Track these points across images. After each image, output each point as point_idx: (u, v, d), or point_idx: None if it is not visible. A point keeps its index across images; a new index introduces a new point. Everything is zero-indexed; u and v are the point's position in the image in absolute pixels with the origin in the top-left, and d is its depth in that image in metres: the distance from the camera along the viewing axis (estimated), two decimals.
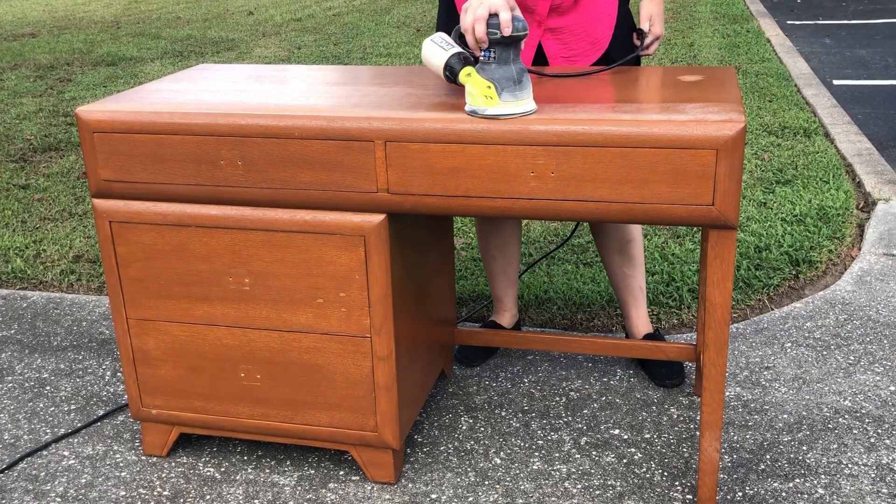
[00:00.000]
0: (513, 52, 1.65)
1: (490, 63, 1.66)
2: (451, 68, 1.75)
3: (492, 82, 1.65)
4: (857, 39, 7.46)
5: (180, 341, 1.99)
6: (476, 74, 1.67)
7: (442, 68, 1.77)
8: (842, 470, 2.01)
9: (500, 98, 1.65)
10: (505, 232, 2.45)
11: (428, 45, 1.81)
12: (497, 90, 1.65)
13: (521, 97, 1.66)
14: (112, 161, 1.87)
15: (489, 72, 1.66)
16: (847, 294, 2.84)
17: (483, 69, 1.67)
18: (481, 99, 1.66)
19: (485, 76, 1.66)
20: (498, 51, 1.65)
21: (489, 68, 1.66)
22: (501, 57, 1.65)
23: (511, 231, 2.45)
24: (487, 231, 2.46)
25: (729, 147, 1.59)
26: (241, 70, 2.22)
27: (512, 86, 1.65)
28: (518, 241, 2.49)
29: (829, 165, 3.98)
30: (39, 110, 5.72)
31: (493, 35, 1.63)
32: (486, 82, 1.65)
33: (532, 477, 2.02)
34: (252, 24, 9.52)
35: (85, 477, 2.08)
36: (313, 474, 2.06)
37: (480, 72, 1.67)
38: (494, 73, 1.65)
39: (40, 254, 3.39)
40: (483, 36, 1.64)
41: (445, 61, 1.76)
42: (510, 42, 1.64)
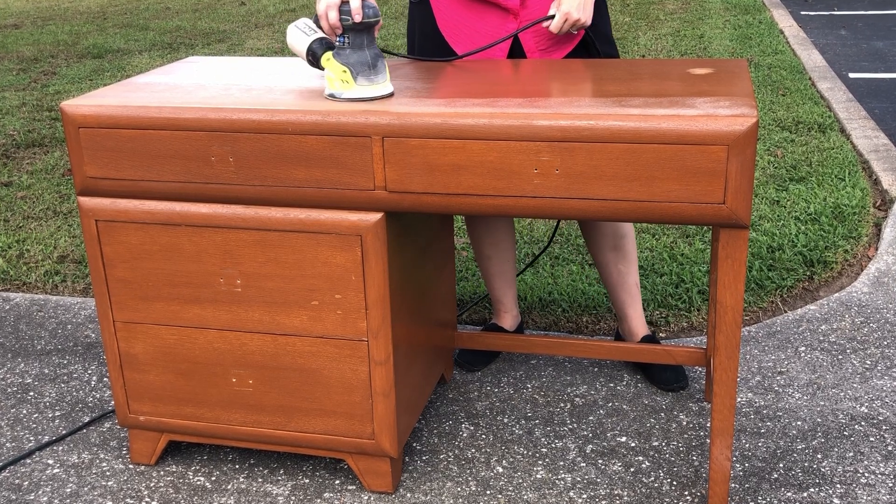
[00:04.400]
0: (366, 38, 1.77)
1: (345, 48, 1.78)
2: (313, 52, 1.85)
3: (347, 67, 1.77)
4: (873, 31, 7.46)
5: (169, 345, 1.99)
6: (332, 59, 1.79)
7: (305, 53, 1.86)
8: (858, 479, 2.01)
9: (355, 82, 1.77)
10: (498, 230, 2.45)
11: (292, 31, 1.90)
12: (353, 74, 1.77)
13: (376, 81, 1.78)
14: (98, 157, 1.87)
15: (344, 57, 1.78)
16: (863, 296, 2.84)
17: (339, 54, 1.79)
18: (338, 83, 1.78)
19: (340, 61, 1.78)
20: (351, 36, 1.77)
21: (344, 53, 1.78)
22: (355, 42, 1.77)
23: (503, 228, 2.45)
24: (479, 231, 2.46)
25: (740, 143, 1.59)
26: (232, 63, 2.22)
27: (367, 70, 1.77)
28: (512, 239, 2.49)
29: (845, 162, 3.98)
30: (23, 104, 5.72)
31: (346, 21, 1.75)
32: (342, 67, 1.77)
33: (535, 486, 2.02)
34: (244, 14, 9.52)
35: (70, 486, 2.08)
36: (308, 483, 2.06)
37: (336, 57, 1.79)
38: (349, 59, 1.77)
39: (23, 254, 3.40)
40: (336, 22, 1.76)
41: (308, 46, 1.86)
42: (363, 28, 1.76)
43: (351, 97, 1.78)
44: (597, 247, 2.40)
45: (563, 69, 1.99)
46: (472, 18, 2.15)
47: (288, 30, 1.90)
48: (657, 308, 2.81)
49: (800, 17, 8.18)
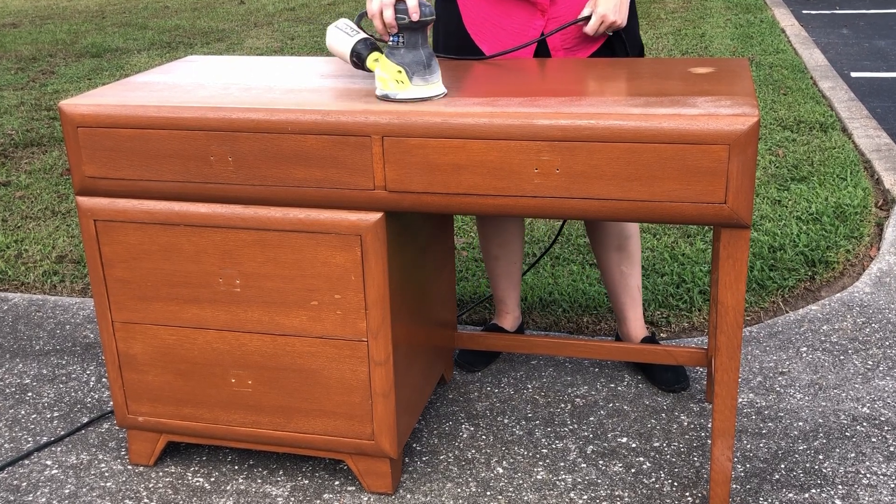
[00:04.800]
0: (421, 37, 1.74)
1: (399, 48, 1.75)
2: (357, 54, 1.82)
3: (403, 67, 1.74)
4: (875, 30, 7.46)
5: (168, 345, 1.99)
6: (385, 59, 1.76)
7: (349, 54, 1.84)
8: (860, 480, 2.01)
9: (411, 82, 1.74)
10: (507, 231, 2.45)
11: (332, 32, 1.87)
12: (408, 74, 1.74)
13: (431, 80, 1.75)
14: (97, 157, 1.87)
15: (399, 56, 1.75)
16: (865, 296, 2.84)
17: (392, 54, 1.75)
18: (392, 83, 1.75)
19: (395, 61, 1.74)
20: (406, 35, 1.74)
21: (398, 53, 1.75)
22: (410, 41, 1.74)
23: (513, 230, 2.45)
24: (489, 230, 2.46)
25: (742, 142, 1.59)
26: (231, 62, 2.22)
27: (422, 70, 1.74)
28: (521, 241, 2.49)
29: (847, 161, 3.98)
30: (21, 104, 5.72)
31: (402, 20, 1.72)
32: (396, 67, 1.74)
33: (536, 487, 2.02)
34: (243, 13, 9.52)
35: (69, 487, 2.08)
36: (307, 484, 2.06)
37: (390, 56, 1.75)
38: (404, 58, 1.74)
39: (22, 254, 3.40)
40: (392, 21, 1.73)
41: (352, 47, 1.83)
42: (418, 27, 1.73)
43: (406, 97, 1.75)
44: (601, 246, 2.40)
45: (564, 68, 1.99)
46: (499, 15, 2.13)
47: (328, 31, 1.87)
48: (658, 308, 2.81)
49: (801, 16, 8.18)
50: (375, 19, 1.77)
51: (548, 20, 2.11)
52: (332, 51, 1.88)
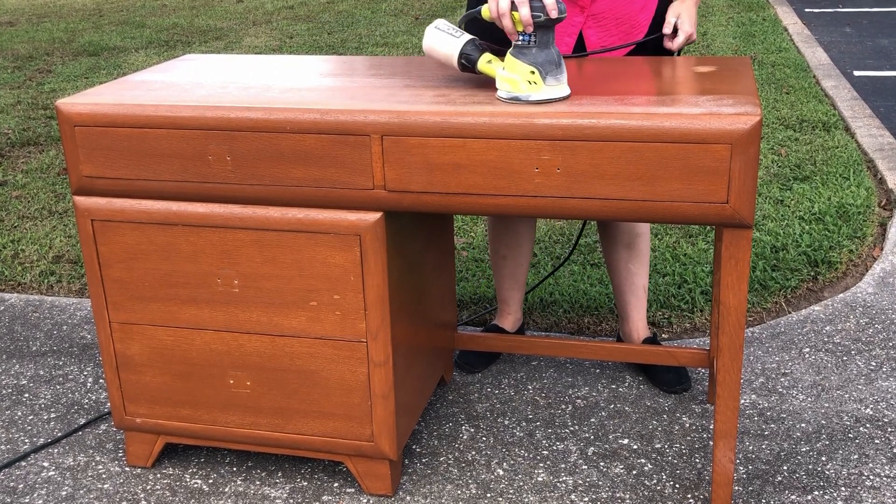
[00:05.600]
0: (551, 36, 1.68)
1: (530, 47, 1.68)
2: (467, 56, 1.77)
3: (536, 67, 1.67)
4: (879, 28, 7.46)
5: (166, 346, 1.99)
6: (512, 59, 1.69)
7: (456, 57, 1.78)
8: (863, 482, 2.01)
9: (544, 82, 1.68)
10: (518, 232, 2.44)
11: (434, 34, 1.81)
12: (542, 74, 1.67)
13: (562, 80, 1.69)
14: (94, 156, 1.87)
15: (531, 56, 1.68)
16: (868, 296, 2.84)
17: (523, 54, 1.68)
18: (525, 85, 1.68)
19: (526, 61, 1.68)
20: (539, 34, 1.67)
21: (529, 53, 1.68)
22: (542, 40, 1.68)
23: (524, 231, 2.45)
24: (499, 229, 2.46)
25: (744, 141, 1.59)
26: (230, 60, 2.22)
27: (555, 69, 1.68)
28: (530, 243, 2.48)
29: (850, 161, 3.98)
30: (17, 103, 5.72)
31: (538, 18, 1.66)
32: (529, 67, 1.67)
33: (537, 489, 2.02)
34: (242, 11, 9.52)
35: (65, 489, 2.08)
36: (306, 486, 2.06)
37: (520, 56, 1.68)
38: (537, 58, 1.67)
39: (18, 254, 3.40)
40: (529, 19, 1.66)
41: (460, 49, 1.77)
42: (551, 25, 1.67)
43: (541, 99, 1.68)
44: (610, 242, 2.40)
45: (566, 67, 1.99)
46: None
47: (428, 32, 1.81)
48: (660, 309, 2.81)
49: (804, 15, 8.18)
50: (504, 18, 1.70)
51: (587, 17, 2.11)
52: (432, 53, 1.82)
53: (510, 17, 1.69)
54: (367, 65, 2.12)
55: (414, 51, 6.88)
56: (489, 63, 1.76)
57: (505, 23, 1.71)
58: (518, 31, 1.69)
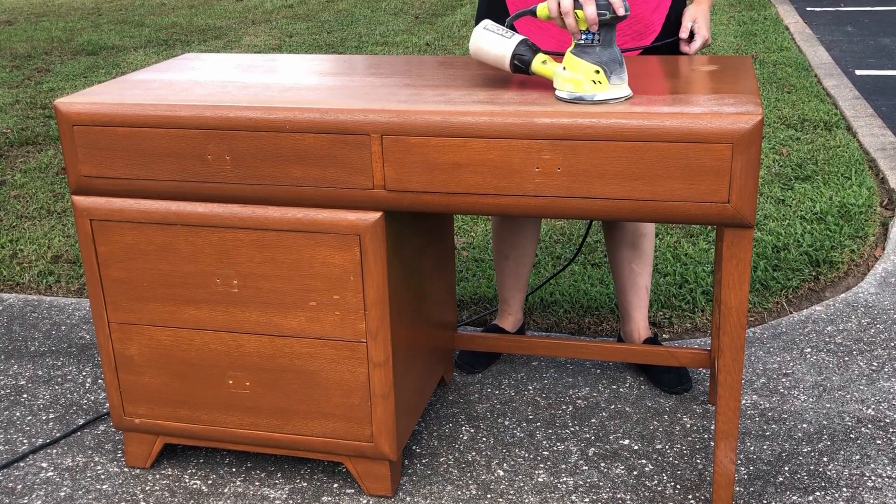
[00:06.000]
0: (613, 34, 1.68)
1: (594, 46, 1.67)
2: (520, 57, 1.76)
3: (601, 66, 1.66)
4: (881, 27, 7.46)
5: (165, 346, 1.99)
6: (574, 59, 1.68)
7: (509, 57, 1.77)
8: (864, 482, 2.01)
9: (609, 82, 1.67)
10: (522, 232, 2.44)
11: (483, 34, 1.80)
12: (606, 74, 1.66)
13: (624, 79, 1.69)
14: (93, 156, 1.87)
15: (594, 55, 1.67)
16: (870, 296, 2.84)
17: (586, 53, 1.67)
18: (588, 84, 1.67)
19: (591, 60, 1.67)
20: (603, 33, 1.67)
21: (593, 52, 1.67)
22: (606, 39, 1.67)
23: (528, 232, 2.45)
24: (503, 228, 2.46)
25: (745, 141, 1.59)
26: (229, 60, 2.22)
27: (618, 68, 1.67)
28: (534, 243, 2.48)
29: (851, 160, 3.98)
30: (16, 102, 5.72)
31: (603, 16, 1.65)
32: (593, 66, 1.66)
33: (537, 490, 2.02)
34: (241, 10, 9.52)
35: (64, 490, 2.08)
36: (306, 487, 2.06)
37: (583, 56, 1.67)
38: (601, 57, 1.67)
39: (17, 254, 3.40)
40: (595, 18, 1.65)
41: (513, 50, 1.76)
42: (613, 23, 1.66)
43: (605, 98, 1.67)
44: (614, 241, 2.40)
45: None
46: None
47: (476, 33, 1.80)
48: (661, 309, 2.81)
49: (805, 14, 8.18)
50: (568, 17, 1.67)
51: None
52: (481, 54, 1.80)
53: (574, 16, 1.67)
54: (367, 64, 2.12)
55: (414, 50, 6.88)
56: (544, 63, 1.74)
57: (569, 21, 1.68)
58: (581, 29, 1.67)
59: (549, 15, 1.73)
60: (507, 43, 1.77)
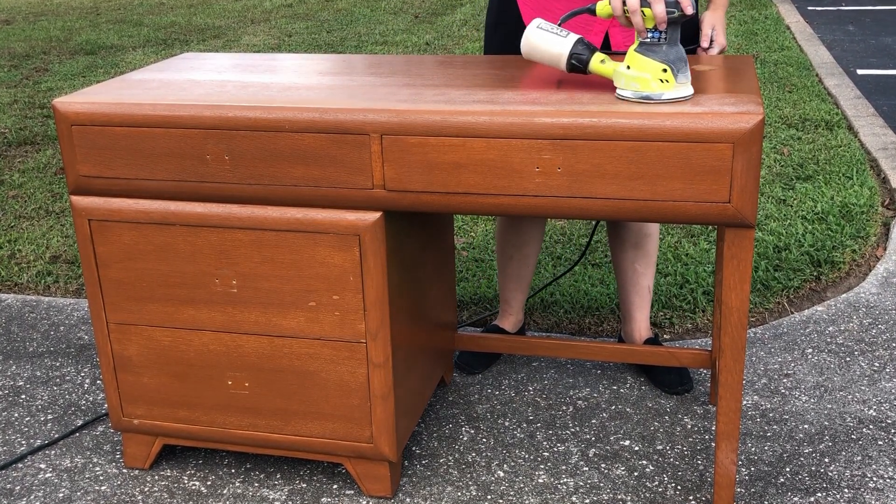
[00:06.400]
0: (678, 33, 1.68)
1: (660, 44, 1.67)
2: (578, 56, 1.76)
3: (668, 64, 1.66)
4: (882, 26, 7.46)
5: (164, 347, 1.99)
6: (640, 57, 1.67)
7: (566, 57, 1.77)
8: (866, 483, 2.01)
9: (676, 80, 1.67)
10: (525, 233, 2.44)
11: (538, 34, 1.79)
12: (673, 72, 1.66)
13: (689, 77, 1.69)
14: (91, 155, 1.87)
15: (661, 53, 1.67)
16: (872, 296, 2.84)
17: (652, 51, 1.67)
18: (655, 83, 1.66)
19: (657, 58, 1.66)
20: (670, 31, 1.67)
21: (660, 50, 1.67)
22: (672, 37, 1.67)
23: (532, 233, 2.45)
24: (507, 229, 2.46)
25: (746, 141, 1.59)
26: (228, 59, 2.22)
27: (684, 66, 1.67)
28: (538, 245, 2.48)
29: (853, 160, 3.98)
30: (14, 102, 5.72)
31: (672, 14, 1.64)
32: (660, 65, 1.66)
33: (537, 491, 2.02)
34: (240, 10, 9.52)
35: (63, 491, 2.08)
36: (305, 488, 2.06)
37: (649, 54, 1.67)
38: (668, 55, 1.66)
39: (15, 254, 3.40)
40: (664, 16, 1.65)
41: (570, 49, 1.76)
42: (680, 21, 1.66)
43: (673, 97, 1.67)
44: (618, 241, 2.40)
45: None
46: (562, 9, 2.11)
47: (529, 32, 1.79)
48: (661, 309, 2.81)
49: (807, 13, 8.18)
50: (636, 15, 1.67)
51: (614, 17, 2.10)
52: (536, 53, 1.79)
53: (641, 14, 1.67)
54: (367, 63, 2.12)
55: (413, 49, 6.88)
56: (602, 63, 1.74)
57: (636, 20, 1.68)
58: (648, 28, 1.67)
59: (610, 13, 1.72)
60: (564, 42, 1.77)
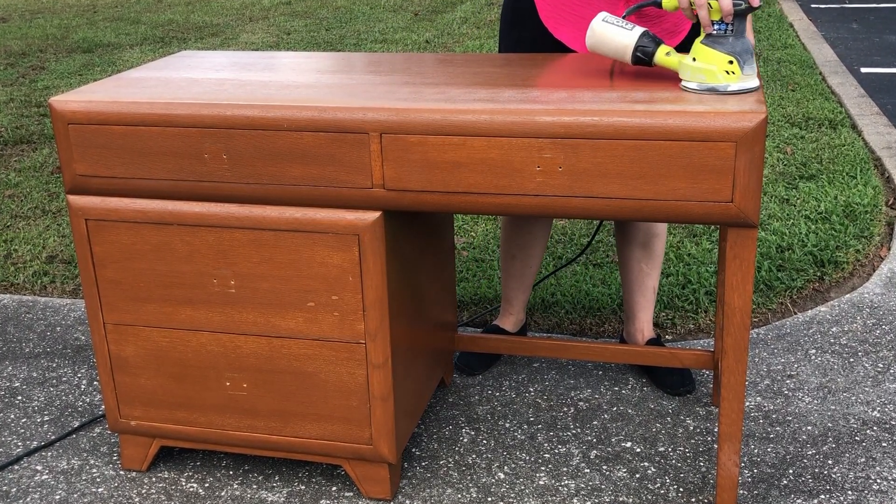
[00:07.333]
0: (745, 25, 1.69)
1: (727, 36, 1.69)
2: (643, 49, 1.77)
3: (734, 56, 1.67)
4: (886, 24, 7.46)
5: (161, 348, 1.99)
6: (707, 49, 1.69)
7: (631, 48, 1.78)
8: (870, 485, 2.01)
9: (742, 72, 1.68)
10: (530, 233, 2.44)
11: (603, 27, 1.81)
12: (740, 64, 1.68)
13: (755, 69, 1.70)
14: (88, 155, 1.87)
15: (728, 45, 1.68)
16: (875, 297, 2.84)
17: (719, 43, 1.69)
18: (721, 75, 1.68)
19: (724, 50, 1.68)
20: (736, 23, 1.68)
21: (726, 42, 1.68)
22: (739, 29, 1.68)
23: (537, 233, 2.45)
24: (512, 228, 2.46)
25: (749, 139, 1.59)
26: (226, 57, 2.22)
27: (750, 58, 1.69)
28: (542, 246, 2.48)
29: (857, 159, 3.98)
30: (10, 100, 5.72)
31: (739, 6, 1.66)
32: (727, 56, 1.68)
33: (538, 493, 2.02)
34: (238, 7, 9.52)
35: (59, 493, 2.08)
36: (304, 490, 2.06)
37: (716, 46, 1.69)
38: (735, 47, 1.68)
39: (11, 254, 3.40)
40: (731, 8, 1.66)
41: (636, 41, 1.78)
42: (746, 13, 1.67)
43: (740, 89, 1.68)
44: (626, 240, 2.41)
45: (568, 63, 1.99)
46: (580, 4, 2.11)
47: (595, 26, 1.81)
48: (663, 310, 2.81)
49: (810, 11, 8.18)
50: (702, 9, 1.69)
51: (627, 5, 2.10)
52: (600, 46, 1.81)
53: (707, 6, 1.68)
54: (366, 61, 2.12)
55: (413, 47, 6.88)
56: (668, 55, 1.76)
57: (702, 13, 1.70)
58: (714, 20, 1.69)
59: (676, 6, 1.74)
60: (629, 35, 1.78)
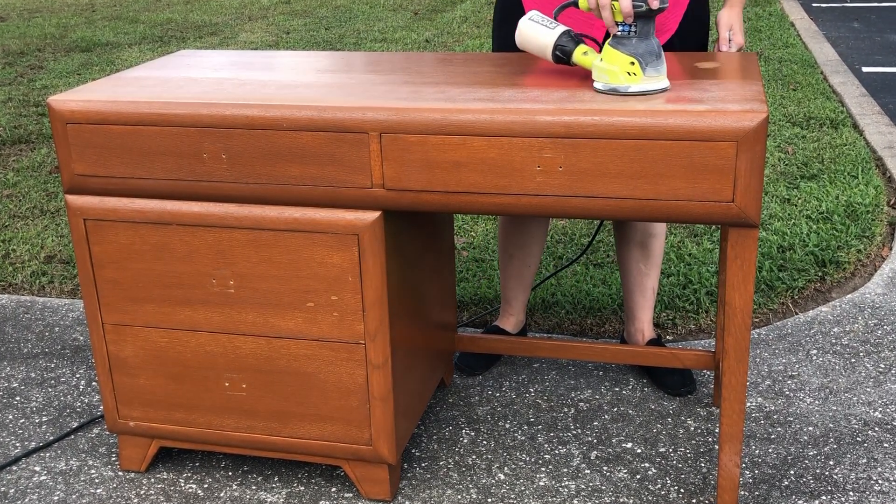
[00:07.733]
0: (652, 26, 1.70)
1: (630, 38, 1.70)
2: (562, 48, 1.79)
3: (636, 58, 1.69)
4: (888, 23, 7.46)
5: (160, 348, 1.99)
6: (612, 50, 1.71)
7: (551, 48, 1.80)
8: (871, 486, 2.01)
9: (644, 74, 1.69)
10: (528, 233, 2.44)
11: (528, 25, 1.83)
12: (642, 65, 1.69)
13: (661, 72, 1.71)
14: (87, 154, 1.87)
15: (630, 47, 1.70)
16: (877, 297, 2.84)
17: (622, 44, 1.70)
18: (623, 76, 1.70)
19: (626, 51, 1.70)
20: (640, 25, 1.69)
21: (629, 43, 1.70)
22: (643, 31, 1.70)
23: (535, 233, 2.45)
24: (510, 228, 2.46)
25: (750, 139, 1.59)
26: (225, 56, 2.22)
27: (654, 60, 1.70)
28: (541, 245, 2.48)
29: (858, 159, 3.98)
30: (8, 100, 5.72)
31: (639, 8, 1.67)
32: (628, 58, 1.69)
33: (538, 494, 2.03)
34: (237, 6, 9.52)
35: (58, 494, 2.08)
36: (303, 491, 2.06)
37: (619, 47, 1.70)
38: (637, 48, 1.70)
39: (9, 254, 3.40)
40: (630, 10, 1.68)
41: (555, 41, 1.79)
42: (653, 15, 1.69)
43: (640, 90, 1.70)
44: (624, 240, 2.41)
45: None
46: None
47: (521, 24, 1.83)
48: (664, 310, 2.81)
49: (811, 10, 8.18)
50: (605, 10, 1.71)
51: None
52: (526, 44, 1.83)
53: (610, 9, 1.71)
54: (365, 61, 2.12)
55: (413, 46, 6.88)
56: (585, 54, 1.77)
57: (605, 14, 1.72)
58: (617, 21, 1.71)
59: (588, 7, 1.76)
60: (550, 34, 1.80)
